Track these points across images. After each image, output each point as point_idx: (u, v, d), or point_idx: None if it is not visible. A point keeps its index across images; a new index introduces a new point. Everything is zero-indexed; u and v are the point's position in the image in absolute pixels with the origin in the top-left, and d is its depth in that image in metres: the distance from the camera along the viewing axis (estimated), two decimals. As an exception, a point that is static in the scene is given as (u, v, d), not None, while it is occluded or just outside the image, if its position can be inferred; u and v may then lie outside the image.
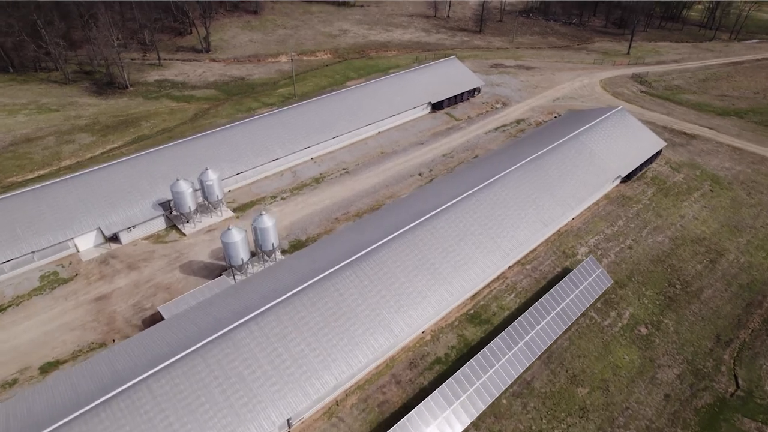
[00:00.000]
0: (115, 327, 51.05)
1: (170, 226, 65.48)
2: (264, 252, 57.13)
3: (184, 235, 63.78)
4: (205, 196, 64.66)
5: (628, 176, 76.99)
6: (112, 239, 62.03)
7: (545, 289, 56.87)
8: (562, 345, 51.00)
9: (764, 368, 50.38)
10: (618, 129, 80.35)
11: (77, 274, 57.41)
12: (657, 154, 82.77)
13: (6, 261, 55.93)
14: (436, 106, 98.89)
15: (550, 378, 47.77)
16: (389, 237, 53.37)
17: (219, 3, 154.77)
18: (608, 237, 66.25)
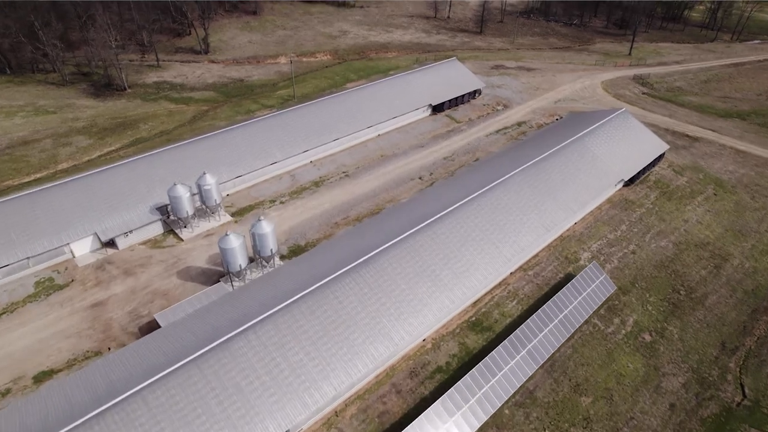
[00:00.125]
0: (111, 335, 50.26)
1: (168, 231, 64.68)
2: (262, 258, 56.32)
3: (182, 240, 62.98)
4: (203, 201, 63.83)
5: (631, 180, 76.17)
6: (109, 244, 61.24)
7: (548, 296, 56.10)
8: (565, 353, 50.20)
9: (771, 377, 49.60)
10: (620, 132, 79.50)
11: (73, 280, 56.62)
12: (660, 157, 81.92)
13: (1, 267, 55.15)
14: (437, 108, 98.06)
15: (553, 387, 46.96)
16: (389, 243, 52.54)
17: (218, 3, 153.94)
18: (611, 242, 65.44)
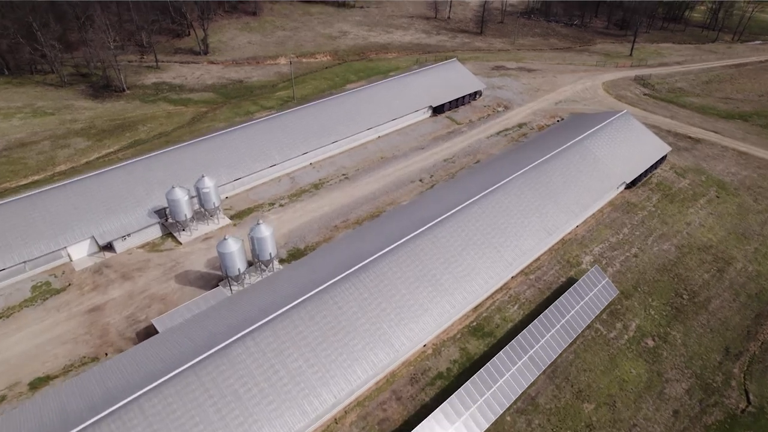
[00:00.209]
0: (108, 340, 49.70)
1: (166, 234, 64.12)
2: (261, 262, 55.78)
3: (180, 244, 62.42)
4: (202, 204, 63.28)
5: (633, 182, 75.59)
6: (107, 248, 60.68)
7: (549, 300, 55.57)
8: (567, 359, 49.64)
9: (775, 382, 49.08)
10: (622, 134, 78.93)
11: (70, 285, 56.07)
12: (662, 159, 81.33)
13: (-3, 271, 54.72)
14: (437, 110, 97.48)
15: (555, 393, 46.41)
16: (390, 247, 51.99)
17: (217, 4, 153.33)
18: (613, 245, 64.88)
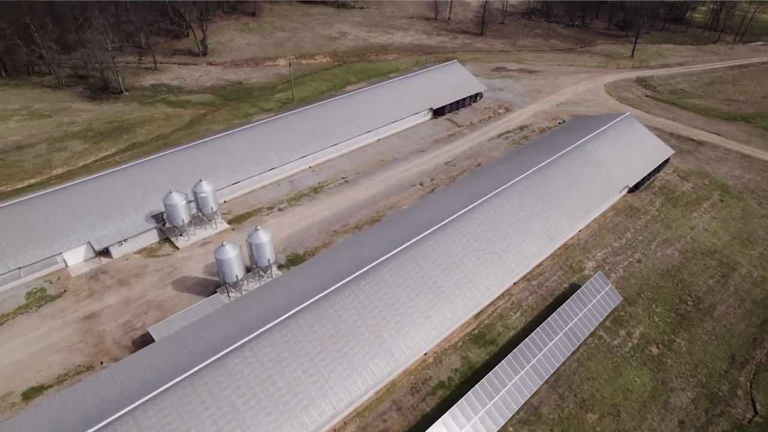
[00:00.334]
0: (104, 348, 48.88)
1: (163, 239, 63.30)
2: (260, 268, 54.96)
3: (178, 249, 61.60)
4: (200, 208, 62.46)
5: (636, 186, 74.78)
6: (103, 253, 59.86)
7: (552, 307, 54.76)
8: (570, 367, 48.82)
9: (782, 391, 48.25)
10: (625, 136, 78.10)
11: (65, 291, 55.25)
12: (665, 162, 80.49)
13: (-9, 278, 53.93)
14: (438, 112, 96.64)
15: (558, 403, 45.60)
16: (390, 253, 51.18)
17: (216, 5, 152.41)
18: (616, 250, 64.05)
